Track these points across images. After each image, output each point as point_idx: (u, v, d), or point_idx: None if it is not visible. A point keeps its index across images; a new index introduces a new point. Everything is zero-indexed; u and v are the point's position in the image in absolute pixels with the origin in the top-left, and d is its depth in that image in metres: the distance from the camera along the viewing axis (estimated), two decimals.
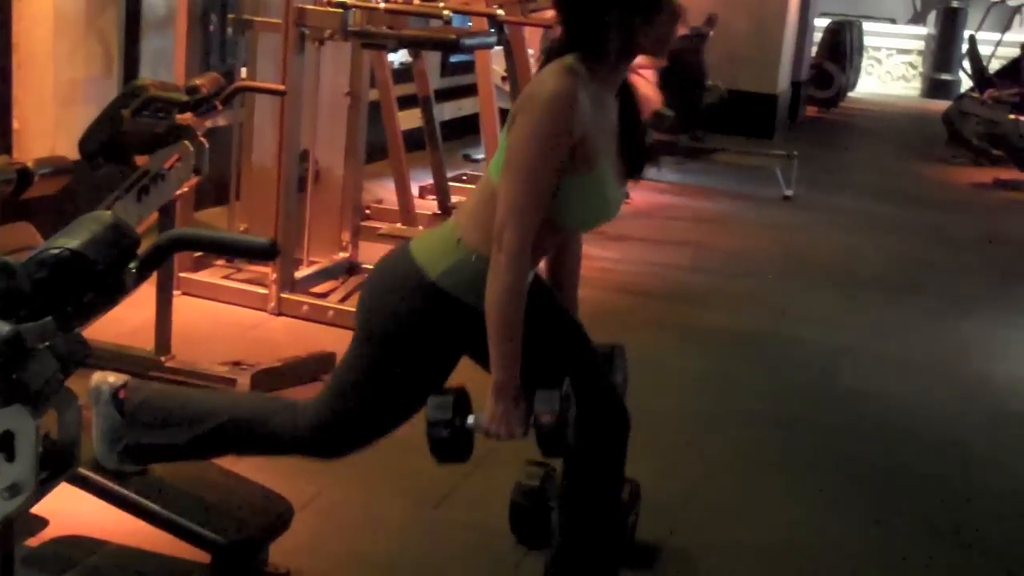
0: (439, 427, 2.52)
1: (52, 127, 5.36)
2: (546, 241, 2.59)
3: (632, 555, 3.25)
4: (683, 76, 8.76)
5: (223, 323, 5.01)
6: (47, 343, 1.73)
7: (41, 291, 1.77)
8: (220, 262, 5.60)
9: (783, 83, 12.06)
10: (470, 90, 7.81)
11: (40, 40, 5.34)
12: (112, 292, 1.93)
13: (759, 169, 9.51)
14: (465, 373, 2.69)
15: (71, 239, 1.85)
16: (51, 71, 5.38)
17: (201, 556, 2.86)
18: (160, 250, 2.02)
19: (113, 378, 2.86)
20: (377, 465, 3.73)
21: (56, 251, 1.81)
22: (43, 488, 1.78)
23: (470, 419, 2.54)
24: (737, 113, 10.56)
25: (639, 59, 2.60)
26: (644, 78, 8.31)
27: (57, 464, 1.79)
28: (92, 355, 1.89)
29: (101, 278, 1.87)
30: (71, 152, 4.14)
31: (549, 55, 2.54)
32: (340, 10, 5.03)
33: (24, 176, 4.10)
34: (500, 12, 6.25)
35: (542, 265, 2.77)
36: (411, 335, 2.60)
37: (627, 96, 2.64)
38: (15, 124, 5.37)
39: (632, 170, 2.69)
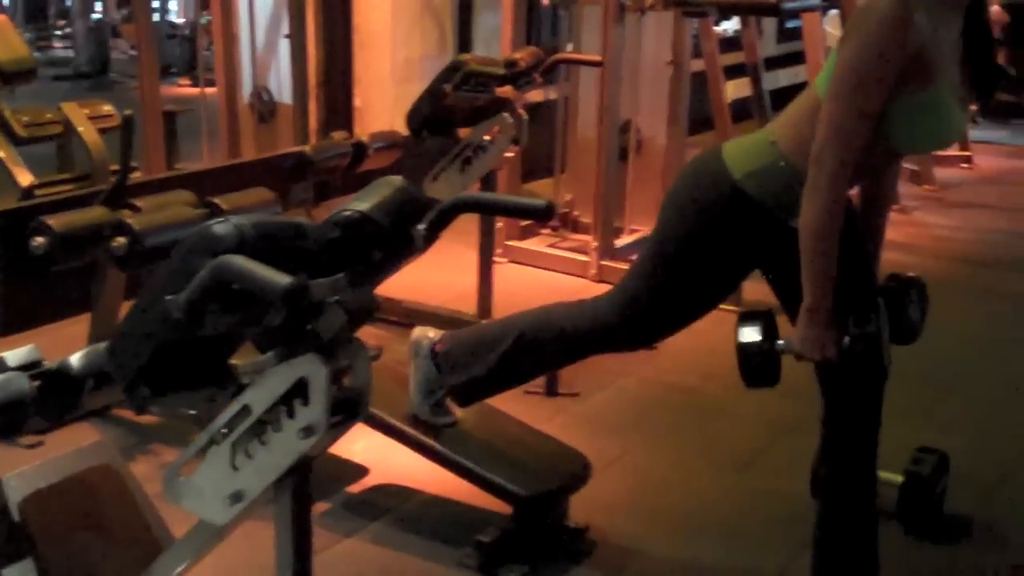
0: (750, 351, 2.52)
1: (391, 104, 5.67)
2: (871, 162, 2.50)
3: (941, 527, 3.16)
4: None
5: (545, 289, 5.17)
6: (337, 298, 1.87)
7: (332, 250, 1.92)
8: (546, 231, 5.78)
9: None
10: None
11: (379, 22, 5.67)
12: (400, 252, 2.04)
13: None
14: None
15: (362, 202, 1.98)
16: (389, 51, 5.70)
17: (504, 507, 3.00)
18: (446, 213, 2.11)
19: (432, 333, 3.02)
20: (683, 429, 3.79)
21: (347, 213, 1.95)
22: (335, 431, 1.92)
23: (780, 342, 2.51)
24: None
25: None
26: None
27: (348, 409, 1.93)
28: (391, 315, 2.00)
29: (388, 238, 1.99)
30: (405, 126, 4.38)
31: None
32: None
33: (359, 150, 4.41)
34: None
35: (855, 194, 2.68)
36: (707, 233, 2.59)
37: (976, 14, 2.50)
38: (356, 102, 5.73)
39: (981, 92, 2.56)
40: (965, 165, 7.86)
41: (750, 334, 2.53)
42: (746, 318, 2.55)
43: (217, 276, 1.71)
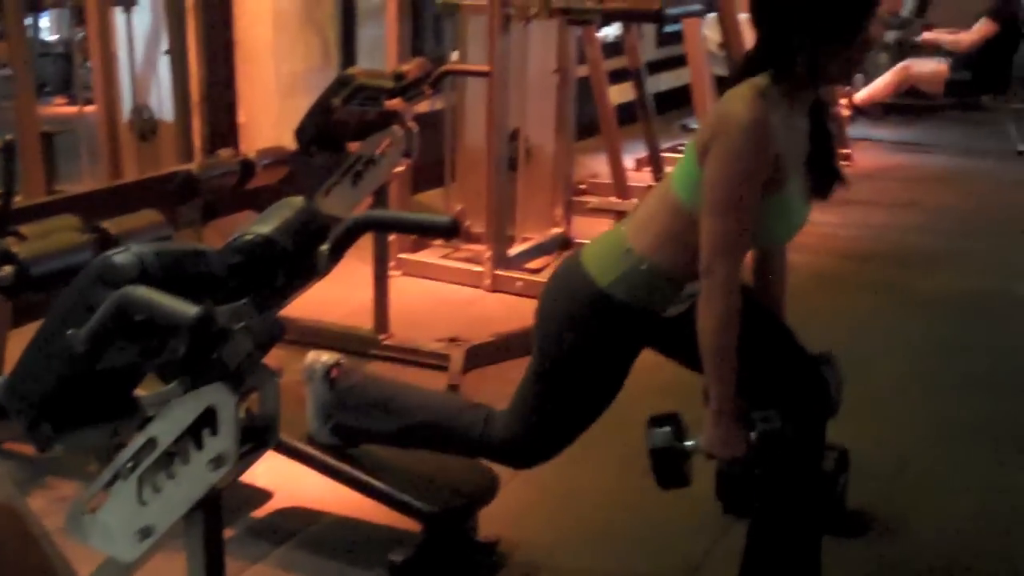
0: (661, 456, 2.57)
1: (276, 119, 5.61)
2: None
3: (842, 522, 3.21)
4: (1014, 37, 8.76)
5: (440, 301, 5.15)
6: (243, 324, 1.83)
7: (235, 275, 1.88)
8: (438, 242, 5.77)
9: None
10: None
11: (260, 36, 5.60)
12: (304, 274, 2.02)
13: (990, 124, 9.12)
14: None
15: (263, 225, 1.96)
16: (272, 65, 5.63)
17: (413, 525, 2.98)
18: (349, 232, 2.09)
19: (326, 357, 3.00)
20: (587, 437, 3.79)
21: (249, 237, 1.92)
22: (246, 460, 1.88)
23: (690, 443, 2.55)
24: None
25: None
26: None
27: (259, 437, 1.89)
28: (287, 334, 1.97)
29: (292, 261, 1.96)
30: (293, 142, 4.32)
31: (740, 71, 2.51)
32: None
33: (247, 167, 4.32)
34: None
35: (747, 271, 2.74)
36: (586, 343, 2.63)
37: (818, 115, 2.58)
38: (241, 118, 5.65)
39: (820, 191, 2.62)
40: (845, 163, 8.02)
41: (661, 439, 2.57)
42: (656, 422, 2.60)
43: (121, 308, 1.67)
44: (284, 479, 3.32)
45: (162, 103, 6.11)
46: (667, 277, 2.52)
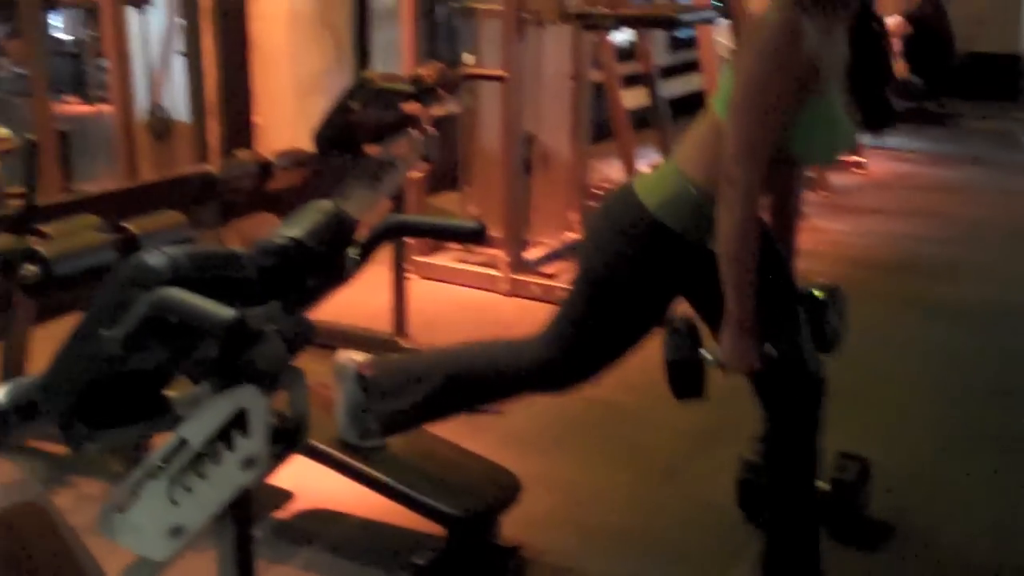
0: (679, 364, 2.57)
1: (291, 120, 5.60)
2: (773, 176, 2.53)
3: (864, 533, 3.20)
4: (928, 40, 8.45)
5: (457, 305, 5.16)
6: (274, 326, 1.83)
7: (266, 278, 1.88)
8: (454, 246, 5.77)
9: None
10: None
11: (276, 37, 5.60)
12: (333, 276, 2.02)
13: (1002, 134, 9.11)
14: None
15: (293, 228, 1.96)
16: (288, 66, 5.63)
17: (436, 529, 2.97)
18: (378, 236, 2.10)
19: (357, 356, 3.00)
20: (607, 442, 3.80)
21: (279, 240, 1.92)
22: (276, 461, 1.89)
23: (706, 353, 2.55)
24: (978, 76, 10.09)
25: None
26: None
27: (289, 438, 1.90)
28: (317, 336, 1.97)
29: (322, 264, 1.97)
30: (310, 144, 4.33)
31: None
32: None
33: (265, 169, 4.33)
34: None
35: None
36: (630, 269, 2.62)
37: (869, 41, 2.56)
38: (256, 119, 5.65)
39: (871, 127, 2.62)
40: (859, 170, 8.03)
41: (678, 348, 2.56)
42: (672, 331, 2.58)
43: (155, 309, 1.67)
44: (307, 481, 3.31)
45: (176, 102, 6.13)
46: (712, 203, 2.47)
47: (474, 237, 2.14)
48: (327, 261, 2.00)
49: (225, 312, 1.63)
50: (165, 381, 1.91)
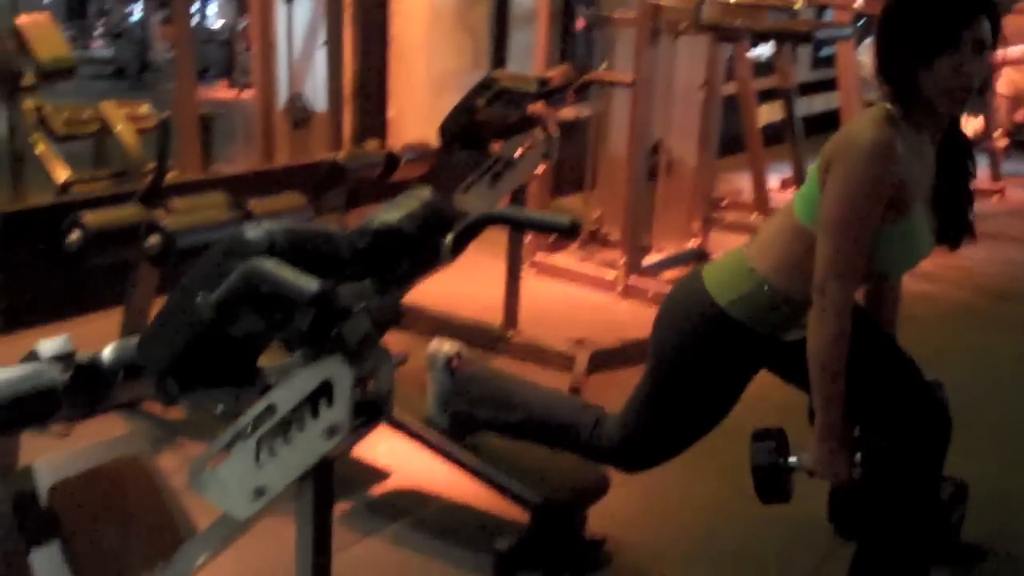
0: (762, 472, 2.60)
1: (424, 115, 5.73)
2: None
3: (958, 554, 3.18)
4: None
5: (571, 304, 5.22)
6: (364, 304, 1.92)
7: (360, 258, 1.97)
8: (575, 245, 5.83)
9: None
10: None
11: (415, 34, 5.74)
12: (427, 262, 2.10)
13: None
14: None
15: (392, 213, 2.04)
16: (424, 63, 5.76)
17: (522, 516, 3.05)
18: (472, 226, 2.16)
19: (448, 346, 3.08)
20: (701, 448, 3.80)
21: (376, 223, 2.01)
22: (357, 433, 1.97)
23: (793, 460, 2.58)
24: None
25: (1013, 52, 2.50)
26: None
27: (371, 412, 1.98)
28: (404, 317, 2.04)
29: (416, 249, 2.05)
30: (436, 138, 4.43)
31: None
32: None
33: (391, 160, 4.45)
34: (859, 3, 6.16)
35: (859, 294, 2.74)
36: (701, 360, 2.65)
37: (955, 151, 2.57)
38: (390, 112, 5.79)
39: (947, 238, 2.62)
40: (996, 197, 7.87)
41: (764, 455, 2.61)
42: (760, 437, 2.63)
43: (247, 279, 1.77)
44: (403, 460, 3.42)
45: (316, 93, 6.31)
46: (787, 300, 2.52)
47: (565, 231, 2.19)
48: (421, 246, 2.08)
49: (311, 284, 1.72)
50: (259, 350, 2.02)
